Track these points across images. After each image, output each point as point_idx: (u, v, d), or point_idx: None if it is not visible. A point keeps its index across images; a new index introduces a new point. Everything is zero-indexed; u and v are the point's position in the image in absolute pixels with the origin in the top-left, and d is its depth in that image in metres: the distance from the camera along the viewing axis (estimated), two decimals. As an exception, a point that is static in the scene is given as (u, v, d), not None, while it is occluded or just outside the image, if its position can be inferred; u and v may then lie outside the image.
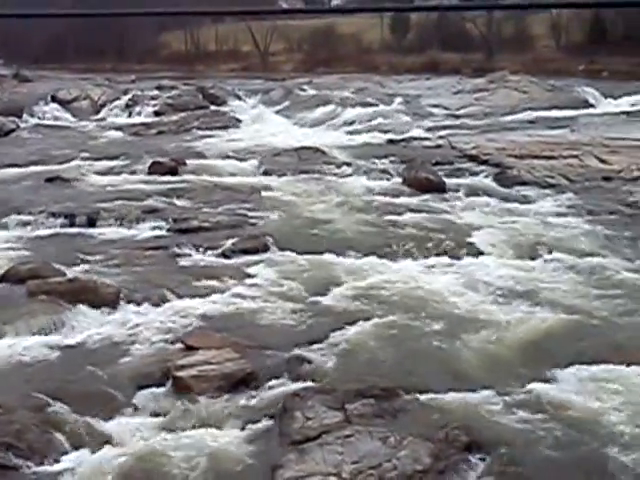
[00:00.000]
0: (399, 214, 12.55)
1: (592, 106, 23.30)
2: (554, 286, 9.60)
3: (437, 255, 10.73)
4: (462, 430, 6.48)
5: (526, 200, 13.49)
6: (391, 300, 9.16)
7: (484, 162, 15.86)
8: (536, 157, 15.88)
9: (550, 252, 10.74)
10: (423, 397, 7.04)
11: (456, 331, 8.35)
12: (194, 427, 6.79)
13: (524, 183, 14.43)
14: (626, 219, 12.44)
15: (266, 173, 15.83)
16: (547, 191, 13.97)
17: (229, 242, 11.23)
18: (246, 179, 15.41)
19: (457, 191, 14.04)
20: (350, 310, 8.95)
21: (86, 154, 18.16)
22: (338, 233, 11.70)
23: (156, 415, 7.00)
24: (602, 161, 15.48)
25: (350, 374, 7.55)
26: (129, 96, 27.13)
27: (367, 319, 8.63)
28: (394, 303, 9.05)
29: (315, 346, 8.14)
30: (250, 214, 12.70)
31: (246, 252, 10.94)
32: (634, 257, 10.58)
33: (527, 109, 23.21)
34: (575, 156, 15.83)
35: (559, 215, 12.57)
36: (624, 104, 22.44)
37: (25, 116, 24.39)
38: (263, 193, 14.07)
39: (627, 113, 20.50)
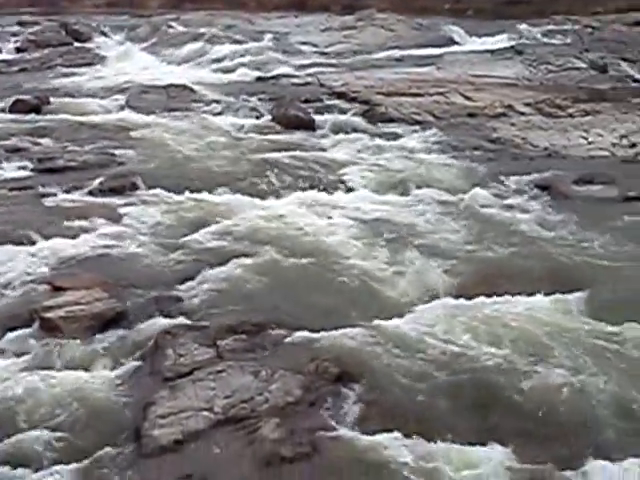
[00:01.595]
0: (269, 152, 12.54)
1: (457, 44, 23.58)
2: (423, 221, 9.81)
3: (308, 192, 10.80)
4: (332, 362, 6.61)
5: (394, 137, 13.65)
6: (263, 237, 9.19)
7: (353, 99, 15.93)
8: (403, 94, 16.04)
9: (418, 187, 10.96)
10: (294, 332, 7.12)
11: (327, 267, 8.46)
12: (63, 368, 6.70)
13: (392, 120, 14.58)
14: (490, 154, 12.78)
15: (134, 111, 15.51)
16: (414, 128, 14.17)
17: (97, 181, 11.02)
18: (113, 117, 15.08)
19: (326, 128, 14.10)
20: (222, 248, 8.95)
21: (-57, 92, 17.40)
22: (209, 171, 11.63)
23: (22, 356, 6.87)
24: (467, 98, 15.77)
25: (222, 311, 7.58)
26: (-12, 32, 26.06)
27: (239, 257, 8.64)
28: (266, 240, 9.08)
29: (186, 284, 8.12)
30: (118, 153, 12.47)
31: (114, 191, 10.76)
32: (498, 191, 10.91)
33: (395, 47, 23.32)
34: (441, 93, 16.06)
35: (426, 151, 12.79)
36: (488, 42, 22.76)
37: None
38: (131, 132, 13.80)
39: (491, 51, 20.82)
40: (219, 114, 15.28)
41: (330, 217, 9.82)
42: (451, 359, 6.73)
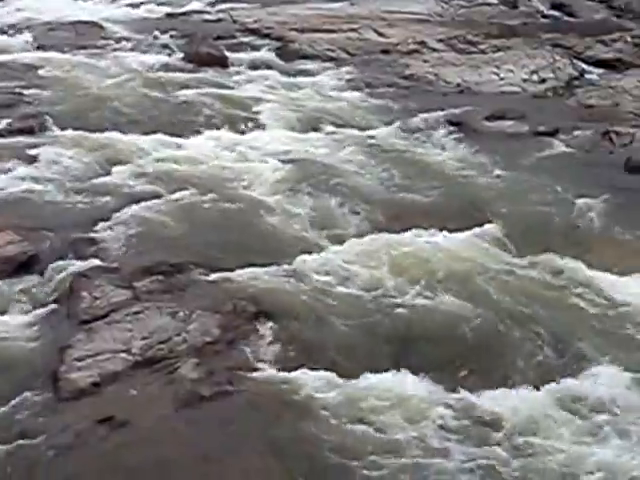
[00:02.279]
0: (182, 90, 12.33)
1: (370, -21, 23.44)
2: (337, 158, 9.84)
3: (222, 131, 10.70)
4: (250, 301, 6.65)
5: (308, 74, 13.58)
6: (178, 178, 9.10)
7: (266, 36, 15.77)
8: (317, 31, 15.94)
9: (332, 125, 10.97)
10: (211, 272, 7.13)
11: (243, 206, 8.45)
12: (-26, 313, 6.61)
13: (306, 57, 14.50)
14: (403, 91, 12.83)
15: (41, 49, 15.08)
16: (328, 64, 14.11)
17: (4, 122, 10.72)
18: (20, 55, 14.58)
19: (240, 65, 13.92)
20: (137, 188, 8.83)
21: None
22: (121, 111, 11.41)
23: None
24: (380, 34, 15.75)
25: (138, 252, 7.53)
26: None
27: (153, 197, 8.55)
28: (181, 180, 8.99)
29: (101, 226, 8.00)
30: (26, 92, 12.11)
31: (23, 132, 10.47)
32: (411, 128, 10.99)
33: (307, -18, 23.08)
34: (354, 30, 16.01)
35: (340, 88, 12.77)
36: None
37: None
38: (39, 70, 13.41)
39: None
40: (130, 51, 14.94)
41: (245, 156, 9.77)
42: (366, 295, 6.83)
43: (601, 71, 13.74)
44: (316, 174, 9.25)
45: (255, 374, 5.92)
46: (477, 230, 7.90)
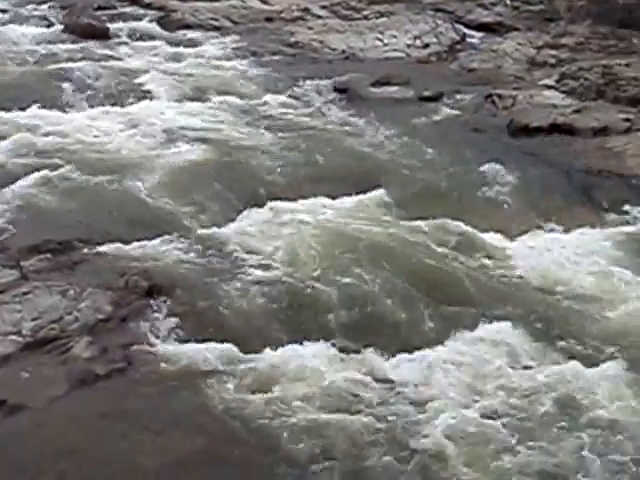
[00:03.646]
0: (63, 63, 12.02)
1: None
2: (224, 128, 9.77)
3: (106, 103, 10.49)
4: (142, 276, 6.57)
5: (192, 44, 13.42)
6: (62, 152, 8.87)
7: (147, 5, 15.47)
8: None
9: (218, 94, 10.85)
10: (101, 248, 7.01)
11: (130, 179, 8.31)
12: None
13: (189, 26, 14.30)
14: (288, 59, 12.80)
15: None
16: (212, 34, 13.97)
17: None
18: None
19: (121, 36, 13.66)
20: (19, 164, 8.58)
21: None
22: (-1, 85, 11.08)
23: None
24: (264, 2, 15.63)
25: (23, 230, 7.32)
26: None
27: (37, 173, 8.32)
28: (65, 155, 8.78)
29: (-18, 204, 7.79)
30: None
31: None
32: (297, 95, 10.98)
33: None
34: (238, -3, 15.87)
35: (225, 58, 12.66)
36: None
37: None
38: None
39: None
40: (6, 24, 14.48)
41: (131, 128, 9.60)
42: (261, 266, 6.82)
43: (482, 35, 13.95)
44: (205, 145, 9.16)
45: (151, 349, 5.86)
46: (367, 196, 7.98)
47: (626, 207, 7.95)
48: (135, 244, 7.06)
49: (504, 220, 7.81)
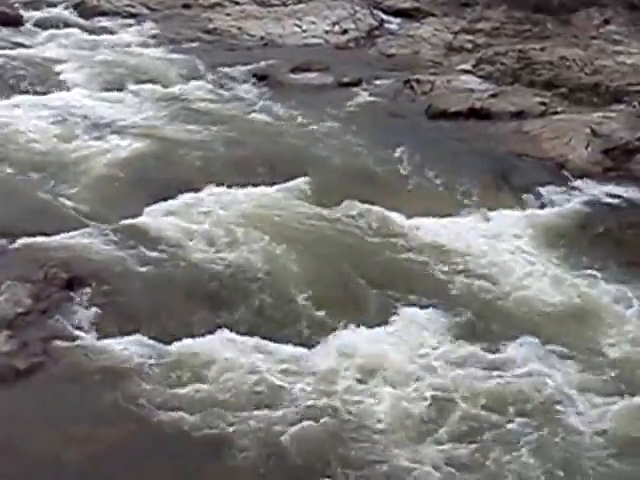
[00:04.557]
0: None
1: None
2: (143, 116, 9.68)
3: (22, 93, 10.30)
4: (62, 268, 6.46)
5: (108, 31, 13.27)
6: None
7: (62, -8, 15.21)
8: (114, -14, 15.53)
9: (136, 83, 10.74)
10: (19, 240, 6.87)
11: (48, 170, 8.21)
12: None
13: (105, 13, 14.11)
14: (207, 46, 12.74)
15: None
16: (129, 21, 13.83)
17: None
18: None
19: (36, 25, 13.41)
20: None
21: None
22: None
23: None
24: (181, -12, 15.49)
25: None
26: None
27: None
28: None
29: None
30: None
31: None
32: (216, 83, 10.94)
33: None
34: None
35: (143, 45, 12.55)
36: None
37: None
38: None
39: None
40: None
41: (49, 118, 9.42)
42: (182, 255, 6.79)
43: (400, 20, 14.04)
44: (124, 135, 9.05)
45: (72, 343, 5.79)
46: (288, 184, 7.97)
47: (542, 190, 8.12)
48: (54, 236, 6.94)
49: (423, 204, 7.90)
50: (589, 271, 6.67)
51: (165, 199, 7.71)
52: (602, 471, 4.79)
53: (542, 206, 7.84)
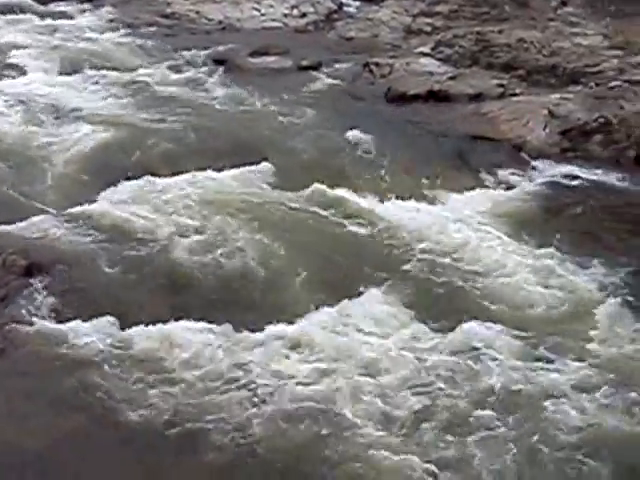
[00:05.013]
0: None
1: None
2: (102, 101, 9.63)
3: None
4: (20, 255, 6.41)
5: (66, 16, 13.19)
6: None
7: (17, -22, 15.01)
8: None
9: (93, 68, 10.67)
10: (-24, 228, 6.83)
11: (5, 156, 8.14)
12: None
13: (62, -1, 14.02)
14: (165, 30, 12.69)
15: None
16: (86, 6, 13.77)
17: None
18: None
19: (-7, 10, 13.28)
20: None
21: None
22: None
23: None
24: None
25: None
26: None
27: None
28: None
29: None
30: None
31: None
32: (174, 67, 10.90)
33: None
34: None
35: (100, 30, 12.50)
36: None
37: None
38: None
39: None
40: None
41: (3, 104, 9.33)
42: (142, 241, 6.75)
43: (359, 3, 14.04)
44: (82, 120, 8.98)
45: (32, 329, 5.74)
46: (250, 168, 7.95)
47: (499, 171, 8.17)
48: (11, 224, 6.88)
49: (383, 186, 7.93)
50: (546, 250, 6.72)
51: (124, 185, 7.67)
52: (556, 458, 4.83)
53: (501, 187, 7.89)
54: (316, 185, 7.60)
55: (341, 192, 7.56)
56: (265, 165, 8.03)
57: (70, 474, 4.76)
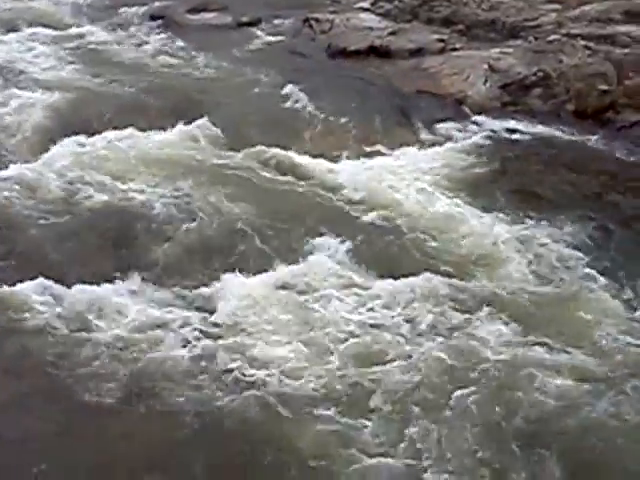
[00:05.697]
0: None
1: None
2: (39, 60, 9.44)
3: None
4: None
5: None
6: None
7: None
8: None
9: (31, 25, 10.45)
10: None
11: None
12: None
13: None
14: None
15: None
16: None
17: None
18: None
19: None
20: None
21: None
22: None
23: None
24: None
25: None
26: None
27: None
28: None
29: None
30: None
31: None
32: (113, 25, 10.75)
33: None
34: None
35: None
36: None
37: None
38: None
39: None
40: None
41: None
42: (81, 200, 6.66)
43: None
44: (18, 79, 8.80)
45: (-28, 291, 5.64)
46: (190, 126, 7.84)
47: (442, 125, 8.20)
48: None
49: (326, 143, 7.92)
50: (486, 204, 6.77)
51: (63, 145, 7.51)
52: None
53: (442, 142, 7.91)
54: (256, 143, 7.53)
55: (282, 150, 7.49)
56: (205, 123, 7.91)
57: (7, 442, 4.62)
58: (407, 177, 7.24)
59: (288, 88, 8.88)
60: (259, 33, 10.67)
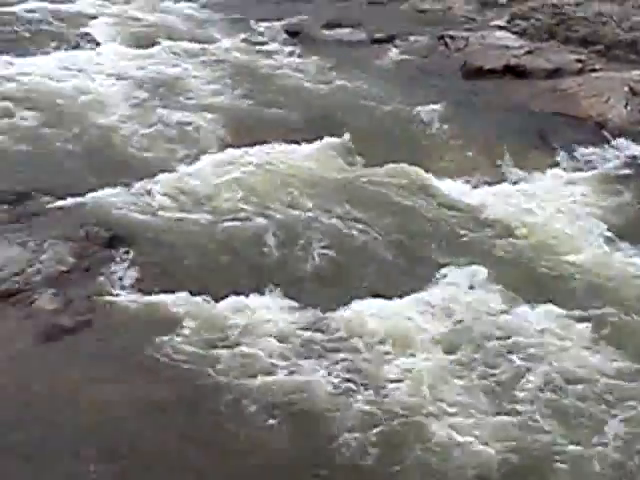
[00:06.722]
0: (3, 7, 11.70)
1: None
2: (178, 73, 9.66)
3: (57, 49, 10.28)
4: (103, 226, 6.49)
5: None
6: (12, 99, 8.66)
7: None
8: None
9: (169, 39, 10.69)
10: (60, 199, 6.88)
11: (86, 129, 8.20)
12: None
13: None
14: (235, 1, 12.63)
15: None
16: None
17: None
18: None
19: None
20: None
21: None
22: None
23: None
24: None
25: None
26: None
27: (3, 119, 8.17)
28: (16, 102, 8.57)
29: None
30: None
31: None
32: (248, 39, 10.92)
33: None
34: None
35: (174, 0, 12.50)
36: None
37: None
38: None
39: None
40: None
41: (83, 74, 9.38)
42: (221, 213, 6.77)
43: (431, -25, 13.84)
44: (160, 91, 9.04)
45: (116, 300, 5.80)
46: (324, 142, 7.90)
47: (581, 149, 8.03)
48: (94, 194, 6.95)
49: (460, 164, 7.87)
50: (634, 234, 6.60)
51: (201, 156, 7.69)
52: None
53: (582, 166, 7.75)
54: (391, 161, 7.51)
55: (417, 169, 7.46)
56: (339, 139, 7.96)
57: (151, 442, 4.77)
58: (541, 201, 7.12)
59: (421, 107, 8.85)
60: (393, 50, 10.68)
